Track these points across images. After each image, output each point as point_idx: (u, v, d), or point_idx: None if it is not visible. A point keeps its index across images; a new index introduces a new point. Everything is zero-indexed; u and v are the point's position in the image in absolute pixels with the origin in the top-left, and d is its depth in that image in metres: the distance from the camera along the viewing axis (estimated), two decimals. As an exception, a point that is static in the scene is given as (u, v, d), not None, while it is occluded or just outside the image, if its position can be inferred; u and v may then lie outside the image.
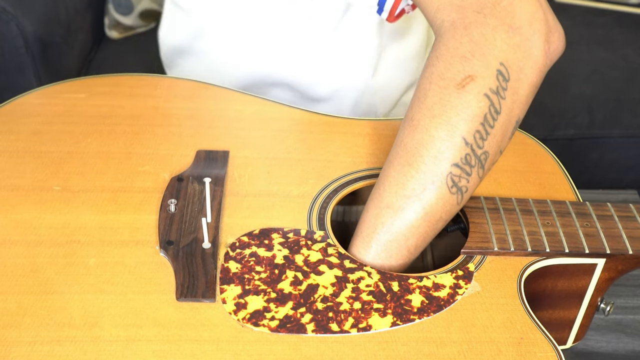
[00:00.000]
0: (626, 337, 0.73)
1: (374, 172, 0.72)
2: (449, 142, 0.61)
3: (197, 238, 0.63)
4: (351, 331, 0.57)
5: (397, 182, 0.63)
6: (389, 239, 0.63)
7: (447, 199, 0.62)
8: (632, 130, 1.32)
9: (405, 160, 0.62)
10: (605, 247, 0.64)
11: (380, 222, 0.63)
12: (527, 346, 0.57)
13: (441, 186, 0.61)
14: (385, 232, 0.63)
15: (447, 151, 0.61)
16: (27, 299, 0.57)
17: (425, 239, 0.64)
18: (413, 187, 0.62)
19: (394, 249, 0.63)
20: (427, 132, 0.61)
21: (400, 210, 0.62)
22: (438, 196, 0.62)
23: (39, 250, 0.61)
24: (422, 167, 0.61)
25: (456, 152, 0.61)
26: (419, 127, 0.62)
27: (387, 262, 0.63)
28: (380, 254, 0.63)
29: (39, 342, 0.54)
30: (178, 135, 0.75)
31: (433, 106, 0.61)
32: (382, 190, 0.64)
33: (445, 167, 0.61)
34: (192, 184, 0.68)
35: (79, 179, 0.69)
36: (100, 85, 0.82)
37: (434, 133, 0.61)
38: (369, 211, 0.64)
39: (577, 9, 1.60)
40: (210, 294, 0.58)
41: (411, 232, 0.63)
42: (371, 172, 0.72)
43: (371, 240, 0.63)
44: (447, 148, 0.61)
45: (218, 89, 0.82)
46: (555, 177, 0.74)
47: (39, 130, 0.74)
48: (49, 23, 1.23)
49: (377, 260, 0.63)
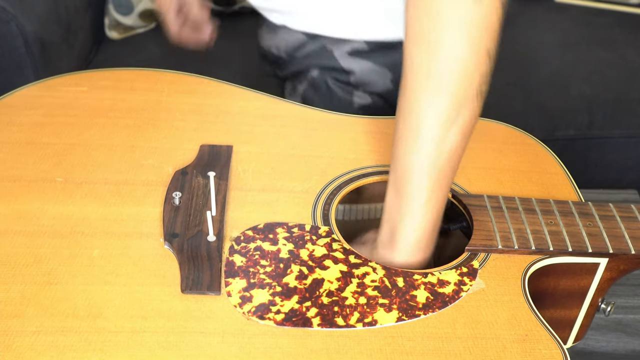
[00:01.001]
0: (626, 336, 0.73)
1: (377, 169, 0.72)
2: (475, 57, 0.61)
3: (202, 231, 0.63)
4: (357, 326, 0.57)
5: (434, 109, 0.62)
6: (439, 164, 0.63)
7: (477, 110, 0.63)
8: (632, 130, 1.33)
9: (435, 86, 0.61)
10: (608, 247, 0.65)
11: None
12: (532, 343, 0.57)
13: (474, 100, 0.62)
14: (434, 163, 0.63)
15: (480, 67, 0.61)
16: (30, 289, 0.57)
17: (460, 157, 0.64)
18: (449, 113, 0.61)
19: (444, 181, 0.63)
20: (452, 50, 0.60)
21: (442, 140, 0.62)
22: (472, 113, 0.62)
23: (42, 240, 0.61)
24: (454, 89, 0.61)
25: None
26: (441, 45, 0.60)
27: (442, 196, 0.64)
28: (436, 190, 0.63)
29: (43, 332, 0.54)
30: (181, 129, 0.74)
31: (448, 21, 0.60)
32: (417, 121, 0.62)
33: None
34: (197, 177, 0.68)
35: (82, 171, 0.68)
36: (101, 79, 0.82)
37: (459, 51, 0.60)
38: (407, 155, 0.63)
39: (577, 9, 1.61)
40: (216, 287, 0.58)
41: (456, 154, 0.63)
42: (375, 170, 0.72)
43: (427, 170, 0.63)
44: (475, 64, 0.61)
45: (221, 84, 0.82)
46: (557, 177, 0.74)
47: (41, 122, 0.74)
48: (49, 23, 1.23)
49: (433, 200, 0.63)
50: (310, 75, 0.98)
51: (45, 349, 0.53)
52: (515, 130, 0.80)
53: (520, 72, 1.40)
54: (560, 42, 1.50)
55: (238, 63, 1.40)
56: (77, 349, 0.53)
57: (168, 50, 1.12)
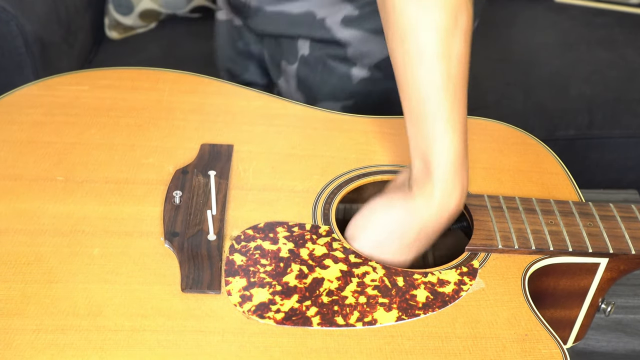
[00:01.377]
0: (626, 336, 0.73)
1: (378, 169, 0.72)
2: None
3: (203, 230, 0.63)
4: (357, 325, 0.57)
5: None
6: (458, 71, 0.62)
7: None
8: (632, 130, 1.33)
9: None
10: (608, 247, 0.65)
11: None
12: (532, 343, 0.57)
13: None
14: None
15: None
16: (30, 288, 0.57)
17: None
18: (447, 25, 0.61)
19: (461, 93, 0.63)
20: None
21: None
22: (468, 15, 0.62)
23: (42, 239, 0.61)
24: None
25: None
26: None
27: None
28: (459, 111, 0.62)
29: (43, 330, 0.54)
30: (182, 128, 0.74)
31: None
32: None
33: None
34: (197, 176, 0.68)
35: (83, 170, 0.68)
36: (102, 78, 0.82)
37: None
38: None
39: (577, 9, 1.61)
40: (216, 286, 0.58)
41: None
42: (375, 169, 0.72)
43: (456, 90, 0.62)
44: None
45: (222, 84, 0.82)
46: (557, 177, 0.74)
47: (42, 121, 0.74)
48: (49, 23, 1.23)
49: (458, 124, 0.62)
50: (300, 53, 0.97)
51: (45, 347, 0.53)
52: (515, 130, 0.80)
53: (520, 72, 1.40)
54: (560, 42, 1.50)
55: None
56: (77, 348, 0.53)
57: (168, 50, 1.12)
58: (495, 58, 1.41)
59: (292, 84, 1.00)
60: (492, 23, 1.13)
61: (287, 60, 0.98)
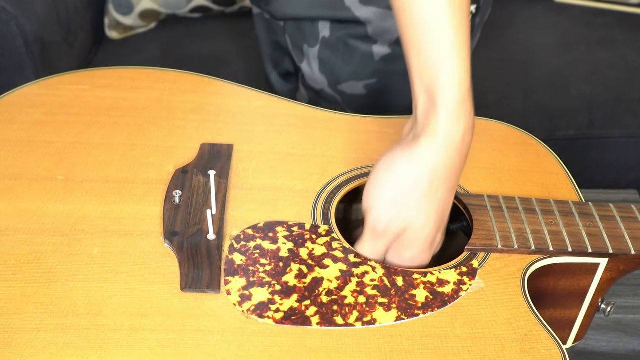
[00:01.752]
0: (626, 336, 0.73)
1: (377, 168, 0.72)
2: None
3: (202, 229, 0.63)
4: (356, 324, 0.57)
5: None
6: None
7: None
8: (632, 130, 1.33)
9: None
10: (608, 247, 0.65)
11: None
12: (531, 343, 0.57)
13: None
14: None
15: None
16: (30, 287, 0.57)
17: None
18: None
19: (465, 19, 0.61)
20: None
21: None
22: None
23: (42, 238, 0.61)
24: None
25: None
26: None
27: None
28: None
29: (43, 330, 0.54)
30: (182, 128, 0.74)
31: None
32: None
33: None
34: (197, 176, 0.68)
35: (83, 169, 0.68)
36: (102, 78, 0.82)
37: None
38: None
39: (577, 9, 1.62)
40: (215, 285, 0.58)
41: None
42: (375, 169, 0.72)
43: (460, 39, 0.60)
44: None
45: (222, 83, 0.82)
46: (557, 177, 0.74)
47: (42, 120, 0.74)
48: (49, 23, 1.23)
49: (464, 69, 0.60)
50: (321, 36, 0.96)
51: (44, 346, 0.53)
52: (515, 130, 0.80)
53: (520, 72, 1.40)
54: (560, 42, 1.50)
55: (238, 62, 1.41)
56: (76, 347, 0.53)
57: (168, 50, 1.12)
58: (495, 58, 1.41)
59: (314, 66, 1.00)
60: (492, 23, 1.12)
61: (309, 43, 0.98)
